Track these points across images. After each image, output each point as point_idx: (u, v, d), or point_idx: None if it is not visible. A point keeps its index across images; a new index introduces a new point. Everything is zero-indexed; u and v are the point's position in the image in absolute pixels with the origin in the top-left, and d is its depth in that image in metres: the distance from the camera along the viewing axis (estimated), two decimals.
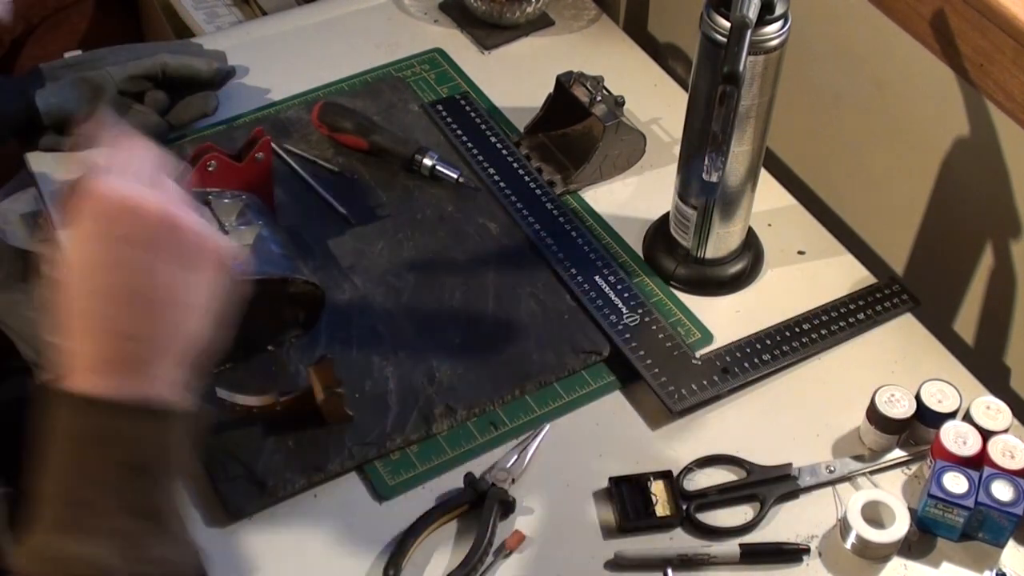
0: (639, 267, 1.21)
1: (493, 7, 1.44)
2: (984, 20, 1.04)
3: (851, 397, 1.09)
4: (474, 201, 1.25)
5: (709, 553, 0.98)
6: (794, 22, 1.04)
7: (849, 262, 1.23)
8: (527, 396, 1.09)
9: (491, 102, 1.38)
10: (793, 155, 1.36)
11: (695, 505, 1.01)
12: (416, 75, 1.40)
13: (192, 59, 1.29)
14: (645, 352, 1.11)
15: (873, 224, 1.29)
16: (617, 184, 1.30)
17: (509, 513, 1.00)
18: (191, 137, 1.30)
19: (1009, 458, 0.99)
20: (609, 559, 0.98)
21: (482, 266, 1.19)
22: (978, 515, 0.98)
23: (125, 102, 1.25)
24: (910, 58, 1.15)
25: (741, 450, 1.05)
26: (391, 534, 0.99)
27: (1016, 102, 1.04)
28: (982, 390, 1.10)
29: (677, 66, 1.49)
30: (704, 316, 1.16)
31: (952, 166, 1.17)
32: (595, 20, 1.50)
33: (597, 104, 1.26)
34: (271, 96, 1.36)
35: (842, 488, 1.04)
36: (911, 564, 0.99)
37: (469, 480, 1.01)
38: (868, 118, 1.25)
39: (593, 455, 1.06)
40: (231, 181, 1.08)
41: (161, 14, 1.80)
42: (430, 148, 1.26)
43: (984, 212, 1.15)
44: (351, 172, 1.26)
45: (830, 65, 1.27)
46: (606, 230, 1.24)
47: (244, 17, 1.68)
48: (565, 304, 1.16)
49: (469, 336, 1.12)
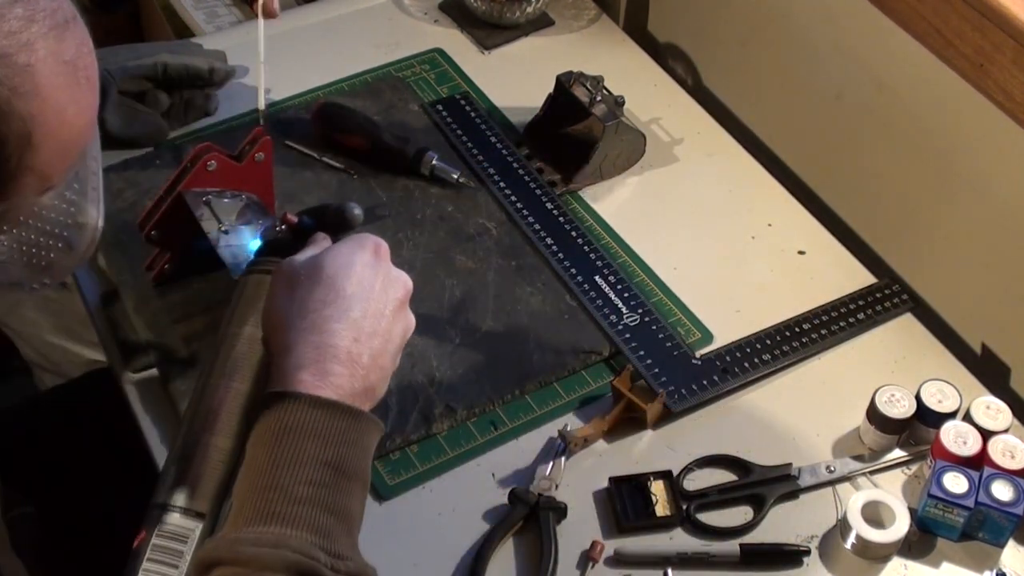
0: (639, 267, 1.21)
1: (493, 7, 1.44)
2: (984, 20, 1.04)
3: (851, 397, 1.09)
4: (474, 201, 1.25)
5: (709, 553, 0.98)
6: (794, 22, 1.04)
7: (849, 262, 1.23)
8: (527, 396, 1.09)
9: (491, 102, 1.38)
10: (793, 155, 1.36)
11: (695, 505, 1.01)
12: (416, 75, 1.40)
13: (192, 59, 1.29)
14: (645, 352, 1.11)
15: (873, 224, 1.29)
16: (617, 184, 1.30)
17: (562, 519, 1.00)
18: (191, 137, 1.30)
19: (1009, 458, 0.99)
20: (609, 558, 0.98)
21: (482, 266, 1.19)
22: (978, 515, 0.98)
23: (125, 102, 1.25)
24: (910, 58, 1.14)
25: (741, 450, 1.05)
26: (391, 534, 0.99)
27: (1016, 102, 1.04)
28: (982, 390, 1.10)
29: (677, 66, 1.49)
30: (704, 316, 1.16)
31: (952, 166, 1.17)
32: (595, 20, 1.50)
33: (597, 104, 1.26)
34: (271, 96, 1.36)
35: (842, 488, 1.04)
36: (911, 564, 0.99)
37: (515, 495, 1.00)
38: (868, 118, 1.25)
39: (593, 455, 1.05)
40: (231, 181, 1.08)
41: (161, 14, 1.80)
42: (430, 148, 1.26)
43: (984, 212, 1.15)
44: (351, 172, 1.27)
45: (831, 65, 1.27)
46: (606, 230, 1.24)
47: (244, 17, 1.68)
48: (565, 304, 1.16)
49: (469, 336, 1.12)
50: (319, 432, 0.78)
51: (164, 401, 1.07)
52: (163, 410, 1.07)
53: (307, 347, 0.81)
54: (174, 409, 1.06)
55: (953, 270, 1.20)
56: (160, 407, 1.07)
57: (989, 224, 1.15)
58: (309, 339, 0.81)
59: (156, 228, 1.08)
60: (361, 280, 0.85)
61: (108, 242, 1.18)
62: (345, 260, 0.85)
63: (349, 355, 0.82)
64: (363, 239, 0.88)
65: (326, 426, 0.78)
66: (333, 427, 0.78)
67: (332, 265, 0.84)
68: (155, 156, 1.27)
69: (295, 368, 0.80)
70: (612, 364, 1.12)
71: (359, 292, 0.84)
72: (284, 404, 0.78)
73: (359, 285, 0.84)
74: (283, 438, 0.77)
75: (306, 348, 0.81)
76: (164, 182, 1.08)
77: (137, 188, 1.23)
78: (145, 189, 1.22)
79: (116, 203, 1.19)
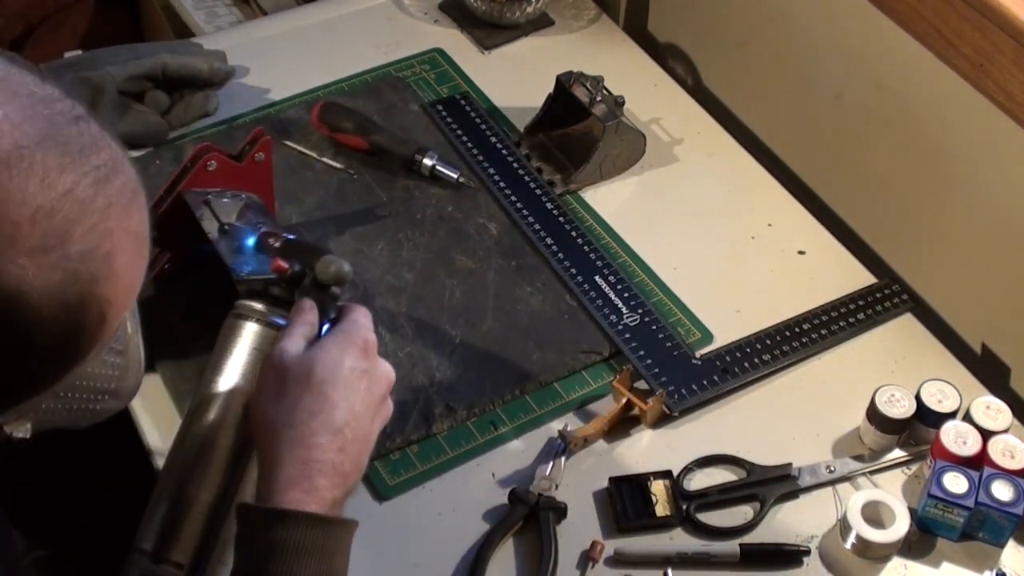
0: (639, 267, 1.21)
1: (493, 7, 1.44)
2: (984, 20, 1.04)
3: (851, 397, 1.09)
4: (474, 201, 1.25)
5: (709, 553, 0.98)
6: (794, 22, 1.04)
7: (849, 262, 1.23)
8: (527, 396, 1.09)
9: (491, 102, 1.38)
10: (793, 155, 1.36)
11: (695, 505, 1.01)
12: (416, 75, 1.40)
13: (192, 59, 1.29)
14: (645, 352, 1.11)
15: (873, 224, 1.29)
16: (617, 184, 1.30)
17: (562, 519, 1.00)
18: (191, 137, 1.30)
19: (1009, 458, 0.99)
20: (609, 558, 0.98)
21: (482, 266, 1.19)
22: (978, 515, 0.98)
23: (125, 102, 1.25)
24: (910, 58, 1.14)
25: (741, 450, 1.05)
26: (391, 534, 0.99)
27: (1016, 102, 1.04)
28: (982, 390, 1.10)
29: (677, 66, 1.49)
30: (704, 316, 1.16)
31: (952, 166, 1.17)
32: (595, 20, 1.50)
33: (597, 104, 1.26)
34: (271, 96, 1.36)
35: (842, 488, 1.04)
36: (911, 564, 0.99)
37: (515, 495, 1.01)
38: (868, 118, 1.25)
39: (593, 455, 1.05)
40: (231, 181, 1.08)
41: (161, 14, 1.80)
42: (430, 148, 1.26)
43: (984, 212, 1.15)
44: (351, 172, 1.26)
45: (831, 65, 1.27)
46: (606, 230, 1.24)
47: (244, 17, 1.68)
48: (565, 304, 1.16)
49: (469, 336, 1.12)
50: (313, 550, 0.81)
51: (164, 401, 1.07)
52: (163, 410, 1.07)
53: (295, 463, 0.83)
54: (174, 409, 1.06)
55: (953, 270, 1.20)
56: (160, 407, 1.07)
57: (989, 224, 1.15)
58: (296, 454, 0.83)
59: (156, 228, 1.07)
60: (348, 384, 0.86)
61: None
62: (334, 363, 0.86)
63: (334, 467, 0.84)
64: (352, 336, 0.88)
65: (320, 544, 0.81)
66: (326, 544, 0.82)
67: (322, 370, 0.86)
68: (155, 156, 1.27)
69: (284, 485, 0.82)
70: (612, 364, 1.12)
71: (346, 397, 0.86)
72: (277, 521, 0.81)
73: (346, 390, 0.86)
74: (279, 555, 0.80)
75: (293, 464, 0.83)
76: (164, 182, 1.08)
77: None
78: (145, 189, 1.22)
79: None
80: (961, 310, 1.20)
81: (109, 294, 0.64)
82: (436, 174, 1.25)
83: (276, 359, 0.87)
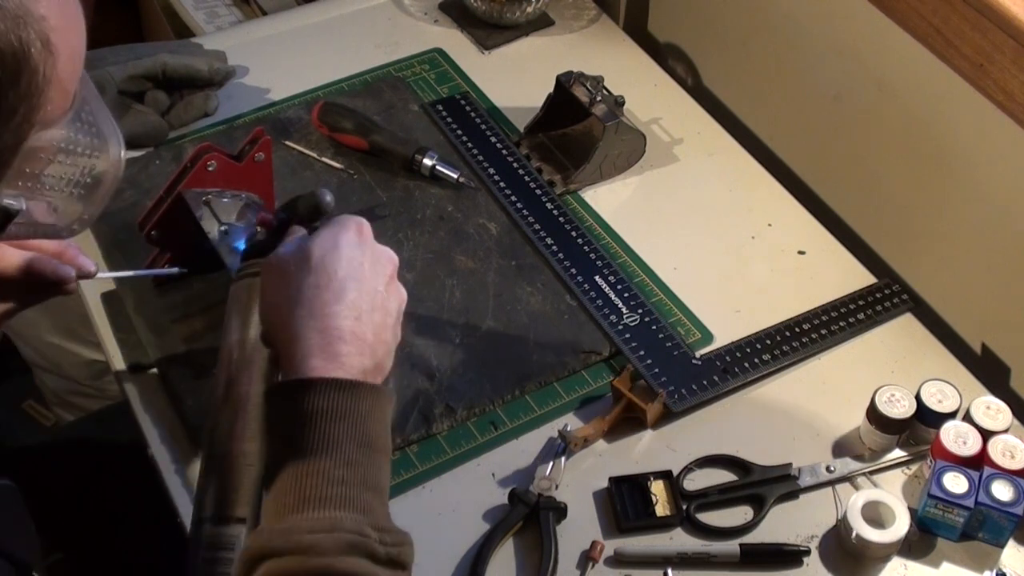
0: (639, 267, 1.21)
1: (493, 7, 1.44)
2: (984, 20, 1.04)
3: (851, 397, 1.09)
4: (474, 201, 1.25)
5: (709, 553, 0.98)
6: (794, 22, 1.04)
7: (849, 262, 1.23)
8: (527, 396, 1.09)
9: (491, 102, 1.38)
10: (793, 155, 1.36)
11: (695, 505, 1.01)
12: (416, 75, 1.40)
13: (192, 59, 1.29)
14: (645, 352, 1.11)
15: (873, 224, 1.29)
16: (617, 184, 1.30)
17: (562, 519, 1.00)
18: (191, 137, 1.30)
19: (1009, 458, 0.99)
20: (609, 558, 0.98)
21: (482, 266, 1.19)
22: (978, 515, 0.98)
23: (125, 102, 1.25)
24: (910, 58, 1.14)
25: (741, 450, 1.05)
26: None
27: (1016, 102, 1.04)
28: (982, 390, 1.10)
29: (677, 66, 1.49)
30: (704, 316, 1.16)
31: (952, 166, 1.17)
32: (595, 20, 1.50)
33: (597, 104, 1.26)
34: (271, 96, 1.36)
35: (842, 488, 1.04)
36: (911, 564, 0.99)
37: (515, 495, 1.01)
38: (868, 118, 1.25)
39: (593, 455, 1.05)
40: (231, 181, 1.08)
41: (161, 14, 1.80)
42: (430, 148, 1.26)
43: (984, 212, 1.15)
44: (351, 172, 1.27)
45: (830, 65, 1.27)
46: (606, 230, 1.24)
47: (244, 17, 1.68)
48: (565, 304, 1.16)
49: (469, 336, 1.12)
50: (346, 413, 0.78)
51: (164, 401, 1.07)
52: (163, 410, 1.07)
53: (311, 333, 0.81)
54: (174, 409, 1.06)
55: (953, 270, 1.20)
56: (160, 407, 1.07)
57: (989, 224, 1.15)
58: (311, 325, 0.81)
59: (156, 228, 1.08)
60: (350, 260, 0.85)
61: (108, 242, 1.18)
62: (331, 243, 0.85)
63: (353, 334, 0.82)
64: (344, 221, 0.88)
65: (351, 406, 0.79)
66: (357, 406, 0.79)
67: (319, 250, 0.85)
68: (155, 156, 1.27)
69: (305, 356, 0.80)
70: (612, 364, 1.12)
71: (351, 272, 0.84)
72: (304, 391, 0.79)
73: (349, 265, 0.84)
74: (312, 424, 0.78)
75: (311, 335, 0.81)
76: (164, 182, 1.08)
77: (137, 188, 1.23)
78: (145, 189, 1.22)
79: (116, 203, 1.19)
80: (961, 310, 1.20)
81: (43, 11, 0.63)
82: (436, 174, 1.25)
83: (272, 259, 0.86)
